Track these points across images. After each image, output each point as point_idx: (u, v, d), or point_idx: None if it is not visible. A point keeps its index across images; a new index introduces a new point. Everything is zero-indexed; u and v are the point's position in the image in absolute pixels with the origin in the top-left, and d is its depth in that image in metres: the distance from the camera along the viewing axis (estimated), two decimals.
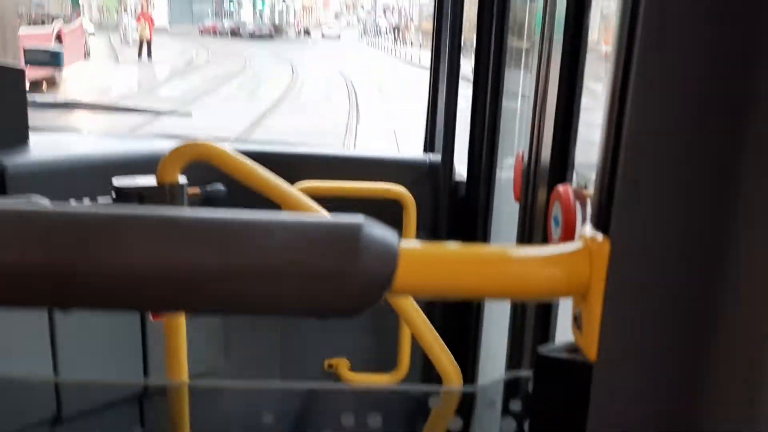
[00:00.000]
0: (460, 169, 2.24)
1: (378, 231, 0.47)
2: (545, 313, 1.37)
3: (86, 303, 0.47)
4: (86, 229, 0.45)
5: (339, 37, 52.47)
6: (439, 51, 2.31)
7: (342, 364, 2.35)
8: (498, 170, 2.01)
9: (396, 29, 40.84)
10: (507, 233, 1.79)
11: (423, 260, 0.49)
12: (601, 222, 0.48)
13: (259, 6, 63.77)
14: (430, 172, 2.23)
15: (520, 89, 1.94)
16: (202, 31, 51.95)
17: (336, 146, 8.52)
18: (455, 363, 1.46)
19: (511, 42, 1.92)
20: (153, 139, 2.66)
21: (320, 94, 16.40)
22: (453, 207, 2.18)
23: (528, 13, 1.84)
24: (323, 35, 53.80)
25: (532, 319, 1.42)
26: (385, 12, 59.72)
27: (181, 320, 1.51)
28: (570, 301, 0.52)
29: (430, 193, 2.21)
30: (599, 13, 1.30)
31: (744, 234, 0.44)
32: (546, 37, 1.38)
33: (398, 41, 37.33)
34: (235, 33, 48.28)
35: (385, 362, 2.28)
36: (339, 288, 0.45)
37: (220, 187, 2.06)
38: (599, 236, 0.48)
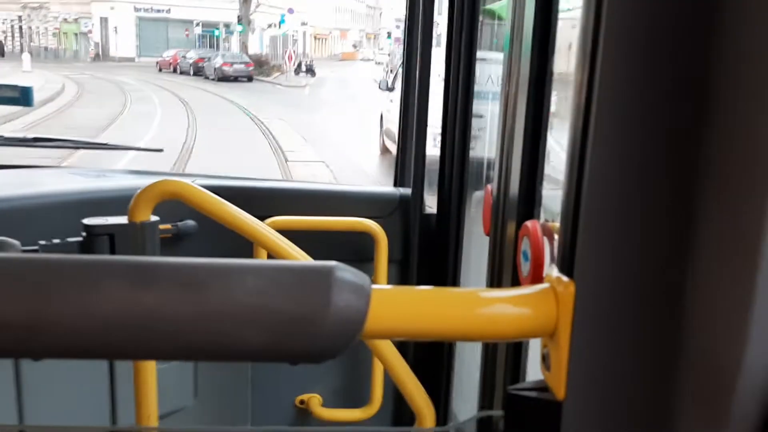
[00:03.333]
0: (431, 202, 2.26)
1: (349, 275, 0.48)
2: (517, 350, 1.38)
3: (55, 352, 0.47)
4: (54, 279, 0.45)
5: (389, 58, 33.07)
6: (408, 86, 2.34)
7: (314, 400, 2.33)
8: (469, 202, 2.03)
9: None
10: (478, 266, 1.81)
11: (393, 303, 0.51)
12: (566, 265, 0.50)
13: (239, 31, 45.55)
14: (401, 206, 2.25)
15: (488, 124, 1.98)
16: (160, 67, 38.67)
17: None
18: (428, 399, 1.47)
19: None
20: (124, 173, 2.64)
21: None
22: (424, 240, 2.20)
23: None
24: (377, 63, 42.46)
25: (504, 356, 1.43)
26: None
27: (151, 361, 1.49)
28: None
29: (401, 226, 2.23)
30: (568, 47, 1.33)
31: (701, 272, 0.46)
32: (513, 71, 1.40)
33: None
34: (199, 71, 33.97)
35: (358, 397, 2.27)
36: (311, 333, 0.46)
37: (191, 223, 2.06)
38: (565, 278, 0.50)
